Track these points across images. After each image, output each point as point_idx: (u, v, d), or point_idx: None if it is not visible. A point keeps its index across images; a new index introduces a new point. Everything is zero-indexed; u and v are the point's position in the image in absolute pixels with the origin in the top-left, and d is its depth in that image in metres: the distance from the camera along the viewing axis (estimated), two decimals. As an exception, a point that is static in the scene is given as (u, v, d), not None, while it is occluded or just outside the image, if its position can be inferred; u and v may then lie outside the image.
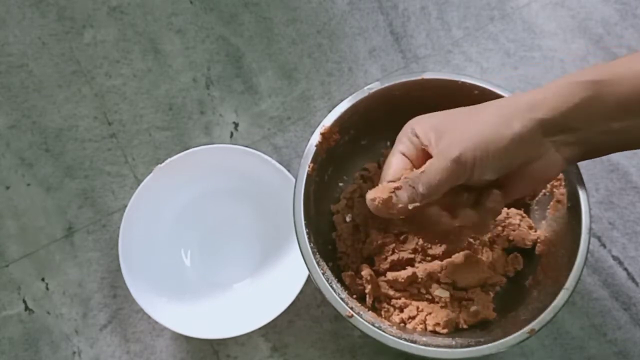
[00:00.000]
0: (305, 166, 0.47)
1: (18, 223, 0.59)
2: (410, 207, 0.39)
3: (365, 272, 0.49)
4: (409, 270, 0.49)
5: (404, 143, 0.42)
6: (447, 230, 0.42)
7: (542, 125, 0.38)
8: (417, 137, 0.41)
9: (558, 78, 0.39)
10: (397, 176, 0.41)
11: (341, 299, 0.43)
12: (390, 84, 0.49)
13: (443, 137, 0.40)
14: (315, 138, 0.48)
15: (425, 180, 0.39)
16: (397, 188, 0.40)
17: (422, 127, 0.41)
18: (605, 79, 0.38)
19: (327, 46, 0.64)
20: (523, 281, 0.49)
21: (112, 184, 0.60)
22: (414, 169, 0.41)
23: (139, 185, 0.55)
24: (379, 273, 0.50)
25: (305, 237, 0.45)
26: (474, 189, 0.42)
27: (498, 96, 0.47)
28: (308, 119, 0.62)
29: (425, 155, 0.41)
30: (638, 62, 0.38)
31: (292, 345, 0.55)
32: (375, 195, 0.40)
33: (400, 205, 0.40)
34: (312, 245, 0.45)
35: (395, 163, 0.42)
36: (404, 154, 0.42)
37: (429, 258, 0.50)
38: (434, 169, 0.39)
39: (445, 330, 0.47)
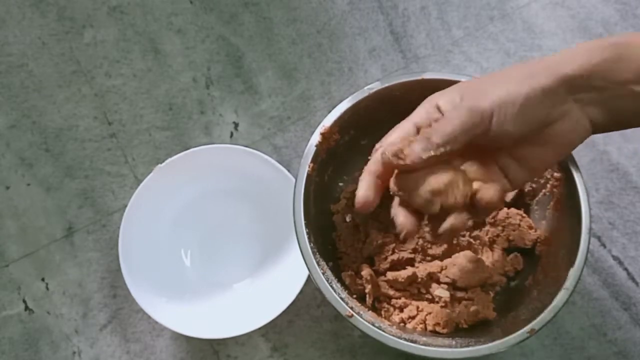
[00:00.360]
0: (305, 166, 0.47)
1: (18, 223, 0.59)
2: (424, 156, 0.38)
3: (365, 272, 0.49)
4: (409, 270, 0.49)
5: (419, 114, 0.41)
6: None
7: (566, 80, 0.38)
8: (439, 108, 0.40)
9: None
10: (398, 140, 0.40)
11: (341, 299, 0.43)
12: (390, 84, 0.49)
13: (467, 96, 0.40)
14: (315, 138, 0.48)
15: (440, 128, 0.38)
16: (411, 142, 0.39)
17: (447, 97, 0.41)
18: (627, 42, 0.38)
19: (327, 46, 0.64)
20: (523, 281, 0.49)
21: (112, 184, 0.60)
22: None
23: (139, 185, 0.55)
24: (379, 273, 0.50)
25: (305, 237, 0.45)
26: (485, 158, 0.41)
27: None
28: (308, 119, 0.62)
29: None
30: None
31: (292, 345, 0.55)
32: (388, 147, 0.39)
33: (413, 156, 0.38)
34: (312, 245, 0.45)
35: (403, 128, 0.41)
36: (415, 124, 0.41)
37: (429, 258, 0.50)
38: (449, 116, 0.38)
39: (445, 330, 0.47)
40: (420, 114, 0.41)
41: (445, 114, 0.39)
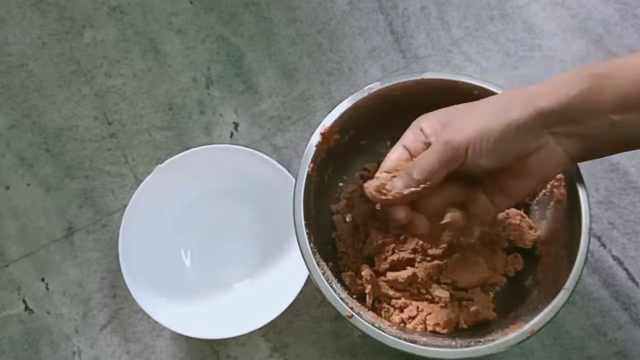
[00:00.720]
0: (305, 166, 0.47)
1: (18, 223, 0.59)
2: (405, 192, 0.40)
3: (365, 272, 0.49)
4: (409, 270, 0.49)
5: (408, 137, 0.43)
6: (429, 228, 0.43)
7: (541, 114, 0.38)
8: (422, 131, 0.42)
9: (558, 74, 0.40)
10: (395, 166, 0.42)
11: (341, 299, 0.43)
12: (390, 84, 0.49)
13: (446, 128, 0.41)
14: (315, 138, 0.48)
15: (419, 165, 0.40)
16: (394, 177, 0.41)
17: (429, 122, 0.42)
18: (605, 72, 0.38)
19: (327, 46, 0.64)
20: (523, 281, 0.49)
21: (112, 184, 0.60)
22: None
23: (139, 185, 0.55)
24: (379, 273, 0.50)
25: (305, 237, 0.45)
26: (470, 184, 0.42)
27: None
28: (308, 119, 0.62)
29: None
30: (638, 57, 0.38)
31: (292, 345, 0.55)
32: (371, 182, 0.42)
33: (394, 192, 0.41)
34: (312, 245, 0.45)
35: (396, 154, 0.43)
36: (405, 147, 0.42)
37: (429, 258, 0.50)
38: (428, 153, 0.40)
39: (445, 330, 0.47)
40: (408, 137, 0.43)
41: (426, 151, 0.41)
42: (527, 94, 0.39)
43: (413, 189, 0.40)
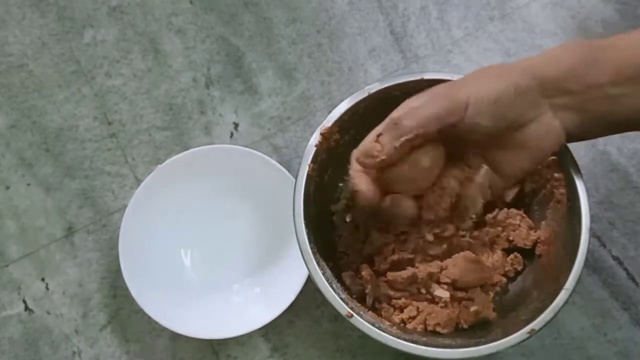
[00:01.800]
0: (305, 166, 0.47)
1: (18, 223, 0.59)
2: (397, 144, 0.38)
3: (365, 272, 0.48)
4: (409, 270, 0.49)
5: (396, 110, 0.41)
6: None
7: (539, 82, 0.38)
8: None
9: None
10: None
11: (341, 299, 0.43)
12: (390, 84, 0.49)
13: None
14: (315, 138, 0.48)
15: (414, 112, 0.38)
16: (379, 135, 0.39)
17: (422, 96, 0.40)
18: (605, 45, 0.38)
19: (327, 46, 0.64)
20: (523, 281, 0.49)
21: (112, 184, 0.60)
22: None
23: (139, 185, 0.55)
24: (379, 273, 0.50)
25: (305, 237, 0.45)
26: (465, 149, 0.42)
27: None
28: (308, 119, 0.62)
29: None
30: (637, 32, 0.39)
31: (292, 345, 0.55)
32: (357, 150, 0.40)
33: (386, 148, 0.38)
34: (312, 245, 0.45)
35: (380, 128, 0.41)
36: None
37: (429, 258, 0.50)
38: (424, 101, 0.38)
39: (445, 330, 0.47)
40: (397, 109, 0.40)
41: (422, 99, 0.39)
42: (527, 63, 0.39)
43: (406, 138, 0.38)
